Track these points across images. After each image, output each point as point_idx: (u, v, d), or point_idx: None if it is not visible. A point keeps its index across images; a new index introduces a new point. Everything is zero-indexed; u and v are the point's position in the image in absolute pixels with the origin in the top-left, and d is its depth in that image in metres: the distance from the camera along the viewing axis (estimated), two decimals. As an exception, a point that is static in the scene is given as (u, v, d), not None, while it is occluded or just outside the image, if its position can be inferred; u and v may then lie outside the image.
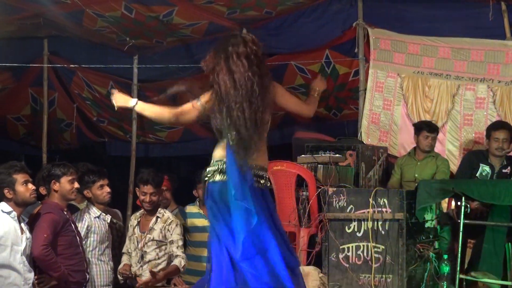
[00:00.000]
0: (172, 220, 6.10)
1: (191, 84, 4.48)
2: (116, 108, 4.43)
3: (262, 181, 4.17)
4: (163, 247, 6.04)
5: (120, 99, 4.41)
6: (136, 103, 4.40)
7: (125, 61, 8.83)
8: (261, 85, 4.11)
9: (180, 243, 6.05)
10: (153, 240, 6.02)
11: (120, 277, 6.07)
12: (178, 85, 4.53)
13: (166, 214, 6.16)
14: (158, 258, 6.02)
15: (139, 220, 6.21)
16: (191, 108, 4.26)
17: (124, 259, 6.17)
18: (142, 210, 6.26)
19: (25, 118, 10.07)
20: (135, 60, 8.91)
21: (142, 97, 8.95)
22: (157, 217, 6.11)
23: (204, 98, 4.22)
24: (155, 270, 5.81)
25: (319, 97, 4.56)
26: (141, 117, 9.20)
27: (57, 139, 10.13)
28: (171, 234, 6.03)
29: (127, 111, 9.18)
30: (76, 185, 5.57)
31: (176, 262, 5.95)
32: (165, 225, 6.05)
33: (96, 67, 8.76)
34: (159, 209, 6.19)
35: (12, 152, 10.59)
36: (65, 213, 5.50)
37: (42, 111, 9.50)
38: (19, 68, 8.83)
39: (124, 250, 6.24)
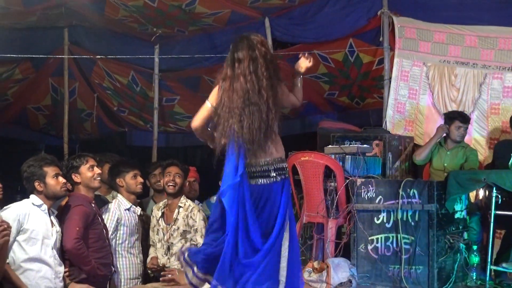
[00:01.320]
0: (194, 207, 6.07)
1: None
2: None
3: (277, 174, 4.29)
4: (188, 237, 6.01)
5: None
6: None
7: (146, 50, 8.82)
8: (269, 87, 4.24)
9: (204, 231, 5.92)
10: (178, 230, 6.00)
11: (149, 271, 6.06)
12: None
13: (187, 202, 6.13)
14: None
15: (163, 211, 6.17)
16: (203, 109, 4.48)
17: (151, 252, 6.15)
18: (165, 200, 6.21)
19: (46, 108, 10.09)
20: (156, 49, 8.88)
21: (163, 86, 8.99)
22: (179, 206, 6.08)
23: (212, 98, 4.40)
24: None
25: (301, 82, 4.62)
26: (162, 106, 9.27)
27: (77, 129, 10.15)
28: (195, 221, 6.00)
29: (148, 102, 9.25)
30: (97, 170, 5.54)
31: None
32: (187, 213, 6.02)
33: (117, 57, 8.73)
34: (181, 198, 6.14)
35: (33, 142, 10.64)
36: (93, 205, 5.48)
37: (62, 101, 9.51)
38: (39, 58, 8.82)
39: (150, 242, 6.23)
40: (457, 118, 6.57)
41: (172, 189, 6.09)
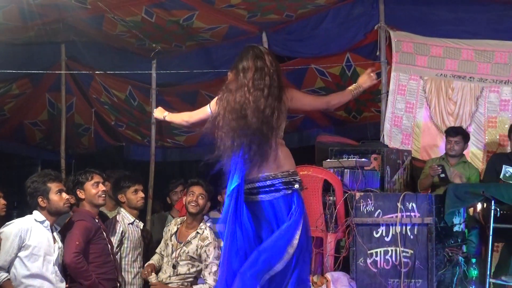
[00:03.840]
0: (210, 242, 5.92)
1: None
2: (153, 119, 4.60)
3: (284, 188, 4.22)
4: (196, 263, 5.95)
5: (157, 113, 4.93)
6: (167, 114, 4.86)
7: (143, 65, 8.84)
8: (273, 97, 4.18)
9: (214, 269, 5.85)
10: (187, 254, 5.93)
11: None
12: None
13: (206, 231, 5.99)
14: (190, 274, 5.93)
15: (178, 227, 6.15)
16: (202, 109, 4.54)
17: (155, 258, 6.13)
18: (183, 217, 6.20)
19: (42, 123, 10.11)
20: (153, 64, 8.90)
21: (161, 102, 9.00)
22: (197, 232, 5.98)
23: (213, 104, 4.38)
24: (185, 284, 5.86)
25: (356, 92, 4.63)
26: (159, 122, 9.25)
27: (75, 143, 10.16)
28: (208, 256, 5.88)
29: (145, 117, 9.26)
30: (102, 187, 5.52)
31: (197, 286, 5.87)
32: (202, 243, 5.91)
33: (115, 72, 8.75)
34: (202, 223, 6.07)
35: (30, 157, 10.65)
36: (97, 221, 5.47)
37: (59, 116, 9.52)
38: (36, 73, 8.83)
39: (157, 250, 6.20)
40: (447, 132, 6.72)
41: (194, 209, 5.99)
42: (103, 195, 5.52)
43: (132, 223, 5.94)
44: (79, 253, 5.12)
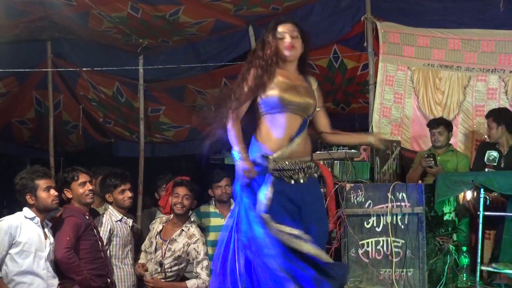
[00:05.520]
0: (198, 238, 5.96)
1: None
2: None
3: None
4: (180, 261, 5.96)
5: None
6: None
7: (130, 61, 8.80)
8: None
9: (205, 263, 5.91)
10: (173, 252, 5.94)
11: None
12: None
13: (191, 229, 6.03)
14: (173, 271, 5.96)
15: (163, 225, 6.14)
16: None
17: (142, 257, 6.13)
18: (169, 216, 6.19)
19: (30, 122, 10.05)
20: (140, 60, 8.86)
21: (148, 97, 8.98)
22: (182, 230, 6.00)
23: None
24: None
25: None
26: (147, 117, 9.26)
27: (63, 141, 10.11)
28: (199, 253, 5.91)
29: (133, 113, 9.23)
30: (89, 186, 5.52)
31: (190, 282, 5.90)
32: (189, 241, 5.94)
33: (102, 69, 8.71)
34: (187, 222, 6.09)
35: (18, 156, 10.59)
36: (87, 217, 5.46)
37: (47, 114, 9.47)
38: (23, 72, 8.78)
39: (142, 248, 6.20)
40: (429, 125, 6.79)
41: (181, 211, 6.03)
42: (90, 194, 5.52)
43: (120, 220, 5.93)
44: (70, 248, 5.12)
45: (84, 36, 8.41)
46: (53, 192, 5.15)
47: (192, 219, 6.15)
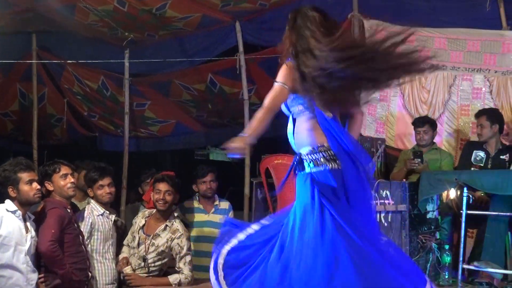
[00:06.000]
0: (182, 234, 5.94)
1: None
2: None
3: None
4: (163, 256, 5.94)
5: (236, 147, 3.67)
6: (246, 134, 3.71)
7: (116, 55, 8.75)
8: None
9: (188, 259, 5.92)
10: (156, 247, 5.91)
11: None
12: None
13: (175, 224, 6.00)
14: (156, 266, 5.93)
15: (146, 219, 6.11)
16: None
17: (125, 251, 6.10)
18: (152, 210, 6.16)
19: (13, 114, 9.96)
20: (126, 54, 8.81)
21: (134, 91, 8.94)
22: (166, 225, 5.97)
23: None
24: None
25: None
26: (133, 111, 9.22)
27: (47, 134, 10.03)
28: (182, 248, 5.89)
29: (118, 107, 9.20)
30: (70, 179, 5.46)
31: (172, 276, 5.88)
32: (173, 236, 5.92)
33: (87, 62, 8.66)
34: (171, 216, 6.05)
35: (1, 148, 10.51)
36: (69, 210, 5.42)
37: (31, 106, 9.39)
38: (7, 63, 8.71)
39: (125, 242, 6.16)
40: (414, 124, 6.78)
41: (163, 207, 5.98)
42: (72, 187, 5.47)
43: (102, 215, 5.87)
44: (55, 241, 5.09)
45: (70, 29, 8.34)
46: (35, 185, 5.09)
47: (176, 214, 6.13)
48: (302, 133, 3.87)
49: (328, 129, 3.79)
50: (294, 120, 3.94)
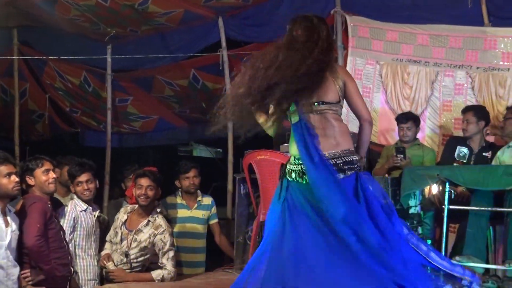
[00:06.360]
0: (165, 229, 5.91)
1: None
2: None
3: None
4: (146, 251, 5.90)
5: None
6: None
7: (98, 50, 8.71)
8: None
9: (171, 254, 5.89)
10: (139, 243, 5.89)
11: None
12: None
13: (158, 219, 5.97)
14: (138, 262, 5.91)
15: (128, 215, 6.08)
16: None
17: (107, 247, 6.07)
18: (134, 205, 6.14)
19: (-6, 110, 9.91)
20: (108, 49, 8.78)
21: (116, 87, 8.91)
22: (149, 221, 5.94)
23: None
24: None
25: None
26: (115, 107, 9.19)
27: (29, 130, 10.00)
28: (165, 244, 5.86)
29: (101, 102, 9.17)
30: (52, 175, 5.43)
31: (155, 272, 5.85)
32: (155, 232, 5.89)
33: (69, 58, 8.61)
34: (153, 212, 6.02)
35: (-18, 144, 10.44)
36: (49, 205, 5.38)
37: (12, 102, 9.34)
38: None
39: (107, 238, 6.14)
40: (397, 120, 6.79)
41: (145, 201, 5.95)
42: (53, 182, 5.43)
43: (85, 210, 5.85)
44: (41, 236, 5.06)
45: (52, 24, 8.30)
46: (13, 178, 5.02)
47: (158, 210, 6.11)
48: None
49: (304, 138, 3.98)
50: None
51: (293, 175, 4.07)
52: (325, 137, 4.05)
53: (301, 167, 4.02)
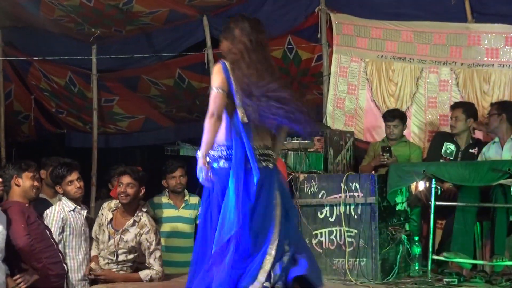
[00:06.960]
0: (150, 228, 5.84)
1: None
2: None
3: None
4: (133, 251, 5.85)
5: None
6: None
7: (83, 51, 8.67)
8: None
9: (158, 254, 5.83)
10: (126, 243, 5.83)
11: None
12: None
13: (143, 218, 5.89)
14: (127, 261, 5.86)
15: (113, 213, 6.04)
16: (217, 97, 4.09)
17: (94, 247, 6.00)
18: (117, 202, 6.10)
19: (-21, 111, 9.82)
20: (93, 50, 8.74)
21: (102, 87, 8.88)
22: (134, 220, 5.87)
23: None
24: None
25: None
26: (101, 107, 9.16)
27: (14, 131, 9.92)
28: (151, 244, 5.80)
29: (86, 103, 9.14)
30: (36, 183, 5.42)
31: (143, 272, 5.81)
32: (141, 231, 5.82)
33: (54, 58, 8.56)
34: (138, 211, 5.96)
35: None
36: (27, 205, 5.35)
37: (-2, 103, 9.28)
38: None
39: (93, 235, 6.06)
40: (384, 117, 6.83)
41: (125, 199, 5.87)
42: (35, 190, 5.43)
43: (73, 210, 5.82)
44: (29, 235, 5.05)
45: (36, 25, 8.25)
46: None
47: (144, 209, 6.07)
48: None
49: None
50: None
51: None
52: None
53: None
